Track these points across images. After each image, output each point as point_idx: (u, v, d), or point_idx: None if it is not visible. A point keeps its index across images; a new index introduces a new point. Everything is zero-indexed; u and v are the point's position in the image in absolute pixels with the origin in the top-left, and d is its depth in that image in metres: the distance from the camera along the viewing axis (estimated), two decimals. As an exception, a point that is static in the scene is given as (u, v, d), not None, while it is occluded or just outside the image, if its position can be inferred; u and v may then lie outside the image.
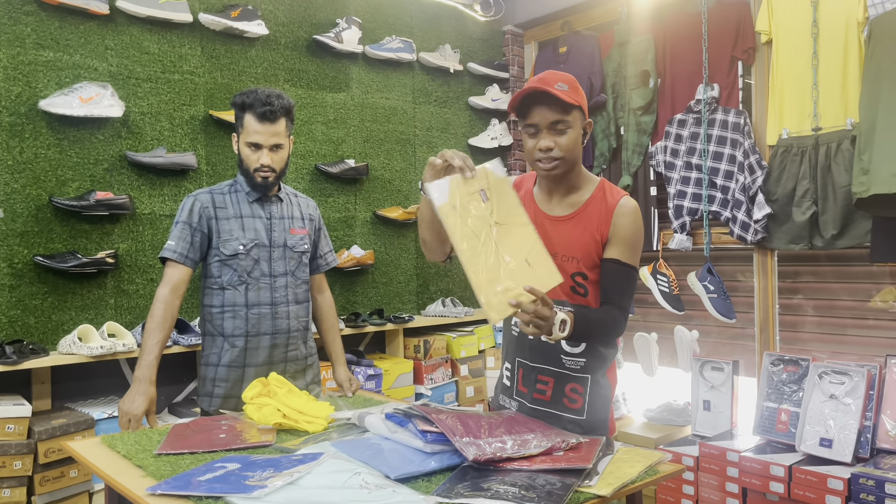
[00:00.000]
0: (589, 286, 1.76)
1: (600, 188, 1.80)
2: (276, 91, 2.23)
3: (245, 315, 2.24)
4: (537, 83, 1.69)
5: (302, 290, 2.38)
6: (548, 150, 1.71)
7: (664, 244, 3.72)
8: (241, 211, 2.28)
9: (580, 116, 1.74)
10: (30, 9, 2.81)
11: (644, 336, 3.75)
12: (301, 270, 2.37)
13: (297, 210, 2.40)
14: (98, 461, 1.61)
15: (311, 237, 2.42)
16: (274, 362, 2.29)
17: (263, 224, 2.30)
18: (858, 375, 2.71)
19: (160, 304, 2.15)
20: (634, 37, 3.83)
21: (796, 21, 3.17)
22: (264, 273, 2.27)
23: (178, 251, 2.19)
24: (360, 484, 1.36)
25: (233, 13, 3.27)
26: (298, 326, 2.35)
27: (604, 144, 4.00)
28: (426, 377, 3.67)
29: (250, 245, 2.25)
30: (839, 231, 3.03)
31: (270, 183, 2.26)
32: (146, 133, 3.10)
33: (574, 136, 1.72)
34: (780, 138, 3.22)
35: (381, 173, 3.89)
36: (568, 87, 1.70)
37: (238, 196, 2.30)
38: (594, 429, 1.78)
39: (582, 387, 1.79)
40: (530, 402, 1.83)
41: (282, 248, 2.32)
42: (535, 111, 1.70)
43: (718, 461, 2.89)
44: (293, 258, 2.34)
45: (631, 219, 1.75)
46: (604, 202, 1.77)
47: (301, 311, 2.37)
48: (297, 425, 1.82)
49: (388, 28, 3.95)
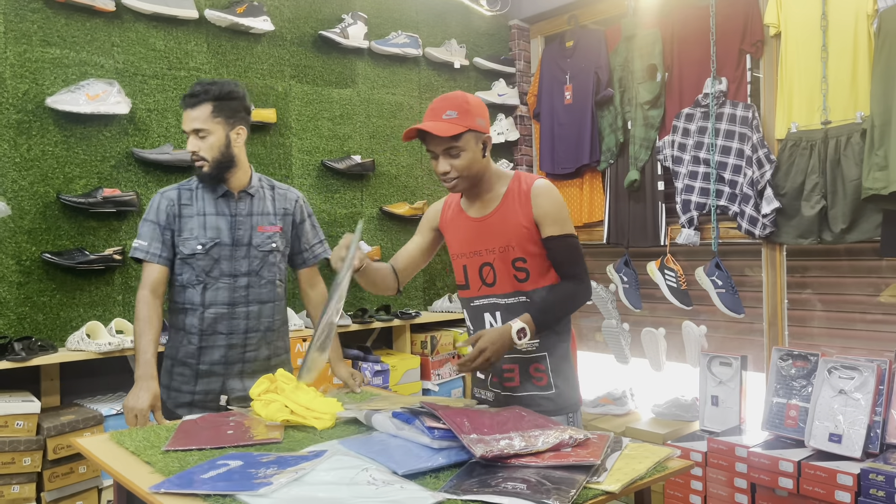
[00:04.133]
0: (529, 269, 1.91)
1: (515, 180, 1.94)
2: (216, 80, 2.20)
3: (201, 314, 2.19)
4: (427, 118, 1.85)
5: (266, 290, 2.27)
6: (445, 173, 1.86)
7: (672, 239, 3.70)
8: (204, 208, 2.22)
9: (473, 136, 1.85)
10: (36, 6, 2.82)
11: (651, 331, 3.74)
12: (267, 270, 2.27)
13: (270, 205, 2.30)
14: (107, 457, 1.61)
15: (286, 233, 2.33)
16: (229, 362, 2.22)
17: (227, 222, 2.22)
18: (868, 370, 2.69)
19: (142, 304, 2.15)
20: (641, 30, 3.81)
21: (805, 14, 3.14)
22: (224, 272, 2.20)
23: (151, 251, 2.17)
24: (368, 480, 1.35)
25: (238, 9, 3.27)
26: (259, 327, 2.25)
27: (611, 139, 3.98)
28: (433, 373, 3.67)
29: (210, 244, 2.18)
30: (848, 225, 3.00)
31: (207, 173, 2.17)
32: (153, 130, 3.10)
33: (469, 157, 1.85)
34: (788, 132, 3.20)
35: (387, 169, 3.88)
36: (457, 112, 1.83)
37: (205, 193, 2.23)
38: (565, 400, 1.93)
39: (542, 364, 1.93)
40: (503, 390, 1.98)
41: (246, 247, 2.23)
42: (429, 140, 1.86)
43: (727, 457, 2.88)
44: (257, 257, 2.24)
45: (548, 197, 1.89)
46: (519, 191, 1.91)
47: (264, 311, 2.26)
48: (305, 421, 1.82)
49: (394, 23, 3.94)
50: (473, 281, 1.98)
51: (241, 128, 2.22)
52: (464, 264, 1.99)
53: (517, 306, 1.91)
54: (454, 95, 1.86)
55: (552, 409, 1.90)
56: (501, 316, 1.93)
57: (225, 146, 2.18)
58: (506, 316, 1.92)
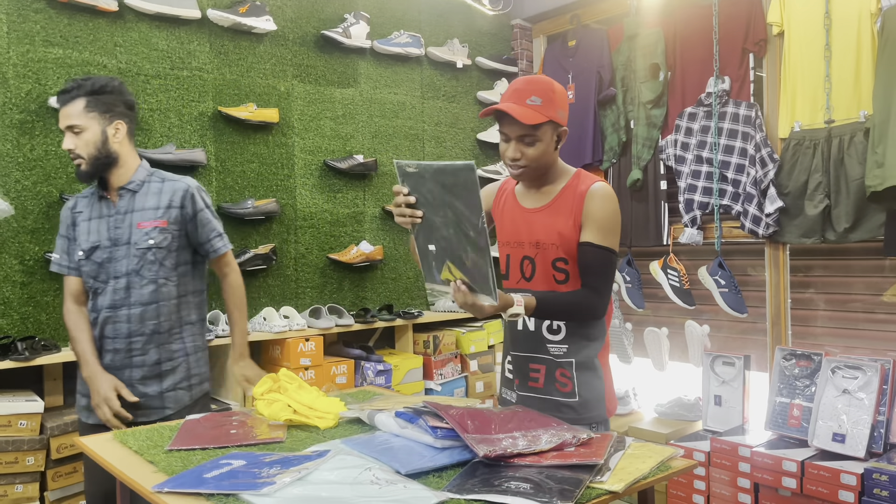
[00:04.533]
0: (570, 271, 1.83)
1: (575, 177, 1.87)
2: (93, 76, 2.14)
3: (95, 319, 2.16)
4: (510, 98, 1.77)
5: (149, 291, 2.13)
6: (515, 159, 1.80)
7: (674, 238, 3.70)
8: (91, 213, 2.17)
9: (551, 127, 1.79)
10: (39, 6, 2.82)
11: (654, 331, 3.74)
12: (147, 269, 2.13)
13: (154, 199, 2.16)
14: (110, 457, 1.61)
15: (173, 228, 2.16)
16: (116, 367, 2.13)
17: (106, 222, 2.15)
18: (872, 370, 2.68)
19: (67, 315, 2.18)
20: (644, 30, 3.81)
21: (808, 12, 3.14)
22: (110, 275, 2.13)
23: (62, 263, 2.19)
24: (371, 479, 1.35)
25: (241, 9, 3.27)
26: (144, 331, 2.13)
27: (614, 138, 3.98)
28: (436, 372, 3.67)
29: (90, 249, 2.14)
30: (852, 224, 3.00)
31: (85, 171, 2.11)
32: (155, 130, 3.10)
33: (542, 148, 1.79)
34: (792, 131, 3.19)
35: (389, 169, 3.88)
36: (542, 100, 1.75)
37: (94, 197, 2.19)
38: (588, 411, 1.86)
39: (568, 371, 1.86)
40: (526, 390, 1.92)
41: (126, 246, 2.13)
42: (506, 122, 1.78)
43: (730, 456, 2.88)
44: (136, 256, 2.12)
45: (603, 202, 1.81)
46: (576, 189, 1.84)
47: (147, 313, 2.13)
48: (308, 421, 1.82)
49: (396, 23, 3.94)
50: (513, 272, 1.92)
51: (119, 123, 2.13)
52: (507, 253, 1.94)
53: None
54: (539, 80, 1.78)
55: (574, 417, 1.81)
56: None
57: (101, 142, 2.10)
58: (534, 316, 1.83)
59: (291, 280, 3.50)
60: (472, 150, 4.26)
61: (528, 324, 1.90)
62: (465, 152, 4.22)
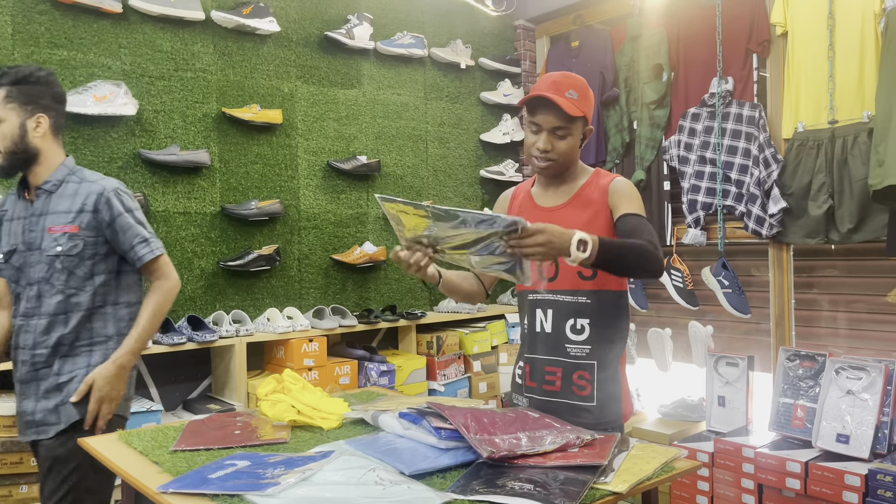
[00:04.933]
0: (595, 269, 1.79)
1: (595, 175, 1.89)
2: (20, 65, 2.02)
3: (13, 328, 2.06)
4: (549, 89, 1.76)
5: (56, 301, 1.98)
6: (545, 151, 1.79)
7: (678, 239, 3.70)
8: (13, 213, 2.06)
9: (582, 124, 1.81)
10: (44, 8, 2.83)
11: (658, 331, 3.74)
12: (57, 278, 1.98)
13: (68, 202, 2.00)
14: (115, 457, 1.62)
15: (85, 234, 1.99)
16: (26, 381, 2.01)
17: (22, 224, 2.03)
18: (876, 371, 2.68)
19: None
20: (647, 30, 3.81)
21: (812, 13, 3.14)
22: (26, 282, 2.01)
23: None
24: (375, 480, 1.36)
25: (245, 10, 3.28)
26: (47, 343, 1.98)
27: (617, 139, 3.98)
28: (439, 373, 3.67)
29: (9, 253, 2.03)
30: (856, 225, 2.99)
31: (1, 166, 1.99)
32: (160, 131, 3.11)
33: (572, 143, 1.80)
34: (795, 132, 3.19)
35: (393, 169, 3.89)
36: (578, 95, 1.77)
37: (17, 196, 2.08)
38: (605, 415, 1.82)
39: (589, 373, 1.83)
40: (541, 394, 1.88)
41: (38, 252, 1.99)
42: (541, 113, 1.77)
43: (734, 457, 2.87)
44: (46, 263, 1.97)
45: (627, 190, 1.82)
46: (597, 185, 1.85)
47: (54, 324, 1.98)
48: (312, 422, 1.82)
49: (400, 24, 3.94)
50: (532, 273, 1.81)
51: (41, 116, 1.99)
52: None
53: (574, 307, 1.81)
54: (575, 76, 1.79)
55: (591, 422, 1.78)
56: (553, 316, 1.84)
57: (20, 136, 1.96)
58: (558, 317, 1.83)
59: (295, 281, 3.50)
60: (476, 151, 4.27)
61: (547, 325, 1.86)
62: (469, 153, 4.23)
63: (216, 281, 3.26)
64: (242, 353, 3.06)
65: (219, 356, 3.20)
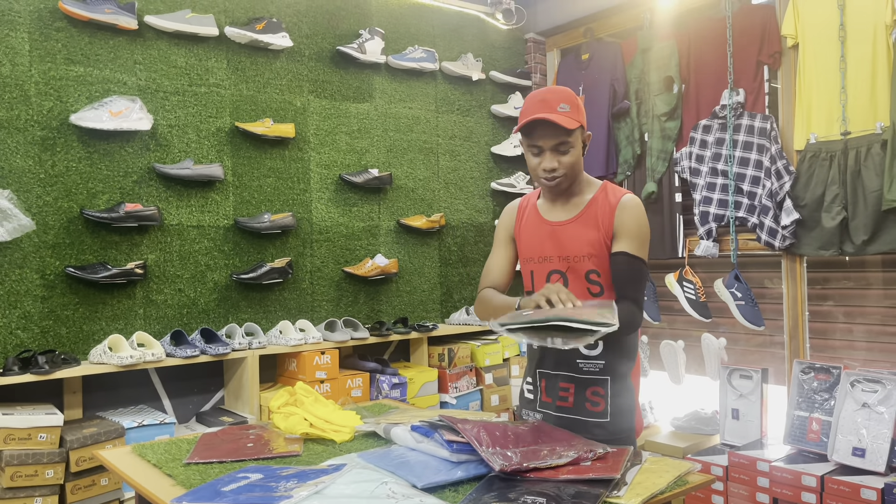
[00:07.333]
0: (604, 283, 1.82)
1: (602, 189, 1.86)
2: None
3: None
4: (540, 108, 1.76)
5: None
6: (552, 170, 1.79)
7: (690, 251, 3.68)
8: None
9: (580, 132, 1.81)
10: (60, 25, 2.88)
11: (670, 344, 3.72)
12: None
13: None
14: (129, 470, 1.63)
15: None
16: None
17: None
18: (892, 383, 2.65)
19: None
20: (657, 43, 3.81)
21: (823, 24, 3.13)
22: None
23: None
24: (387, 493, 1.36)
25: (258, 26, 3.32)
26: None
27: (628, 151, 3.98)
28: (451, 385, 3.66)
29: None
30: (870, 237, 2.97)
31: None
32: (174, 145, 3.14)
33: (576, 154, 1.80)
34: (807, 143, 3.18)
35: (404, 182, 3.90)
36: (569, 106, 1.76)
37: None
38: (619, 431, 1.81)
39: (602, 389, 1.82)
40: (555, 410, 1.87)
41: None
42: (539, 134, 1.77)
43: (748, 471, 2.85)
44: None
45: (634, 213, 1.80)
46: (606, 201, 1.83)
47: None
48: (324, 434, 1.83)
49: (411, 38, 3.98)
50: (539, 288, 1.84)
51: None
52: (531, 269, 1.90)
53: None
54: (559, 89, 1.79)
55: (604, 437, 1.77)
56: None
57: None
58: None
59: (307, 293, 3.52)
60: (487, 164, 4.28)
61: None
62: (480, 165, 4.24)
63: (229, 294, 3.28)
64: (255, 365, 3.07)
65: (231, 369, 3.22)
